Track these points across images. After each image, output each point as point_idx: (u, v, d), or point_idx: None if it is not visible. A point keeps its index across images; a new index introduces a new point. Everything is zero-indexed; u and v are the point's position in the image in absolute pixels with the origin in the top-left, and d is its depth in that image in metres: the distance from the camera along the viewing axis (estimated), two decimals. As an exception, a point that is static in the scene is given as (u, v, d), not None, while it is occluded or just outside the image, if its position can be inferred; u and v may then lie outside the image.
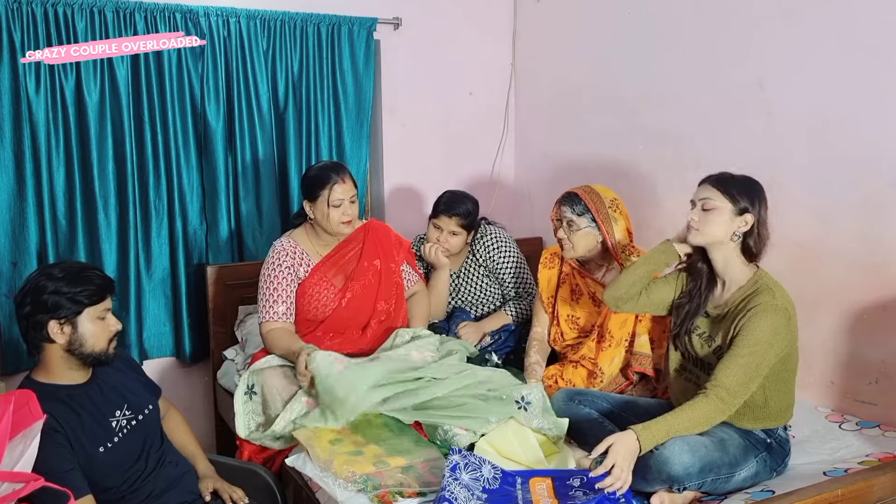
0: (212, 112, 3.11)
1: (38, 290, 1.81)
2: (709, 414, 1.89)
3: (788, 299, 1.99)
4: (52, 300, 1.80)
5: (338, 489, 1.96)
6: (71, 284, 1.82)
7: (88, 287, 1.84)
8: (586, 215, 2.45)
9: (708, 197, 2.02)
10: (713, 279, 2.09)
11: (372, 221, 2.73)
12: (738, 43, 2.71)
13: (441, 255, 2.87)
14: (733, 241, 2.01)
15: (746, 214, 1.99)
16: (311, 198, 2.54)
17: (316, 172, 2.56)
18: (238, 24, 3.10)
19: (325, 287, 2.58)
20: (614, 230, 2.44)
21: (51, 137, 2.82)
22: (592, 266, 2.59)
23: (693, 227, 2.04)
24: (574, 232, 2.47)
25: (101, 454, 1.87)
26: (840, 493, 1.75)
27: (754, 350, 1.90)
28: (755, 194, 2.02)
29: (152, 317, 3.13)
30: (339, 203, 2.50)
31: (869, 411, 2.38)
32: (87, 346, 1.86)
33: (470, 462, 1.91)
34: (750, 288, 2.00)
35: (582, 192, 2.47)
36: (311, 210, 2.55)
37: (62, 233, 2.90)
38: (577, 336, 2.61)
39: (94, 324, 1.85)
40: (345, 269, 2.62)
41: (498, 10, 3.79)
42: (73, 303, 1.82)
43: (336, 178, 2.50)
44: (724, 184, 2.01)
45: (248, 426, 2.37)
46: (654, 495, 1.89)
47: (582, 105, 3.46)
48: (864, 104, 2.35)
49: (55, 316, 1.80)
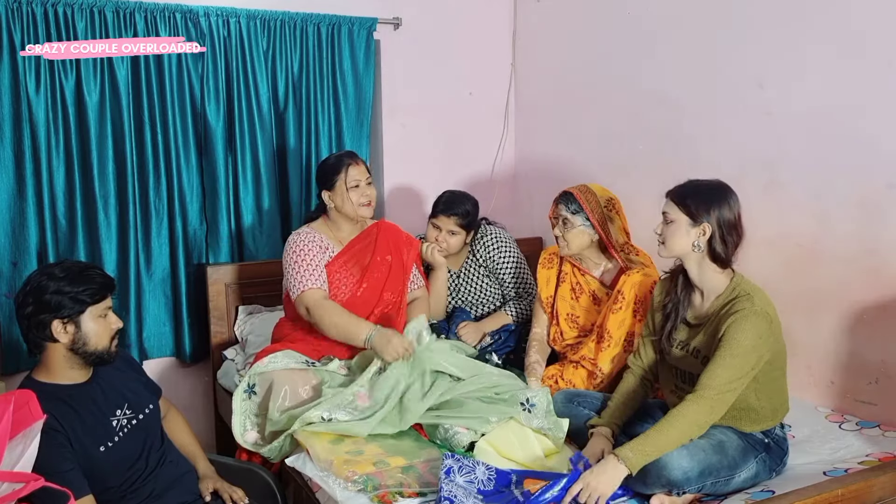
0: (212, 112, 3.11)
1: (40, 290, 1.81)
2: (697, 417, 1.89)
3: (767, 302, 1.99)
4: (55, 300, 1.80)
5: (338, 489, 1.96)
6: (73, 283, 1.82)
7: (90, 286, 1.84)
8: (580, 214, 2.48)
9: (666, 211, 2.05)
10: (691, 286, 2.10)
11: (382, 221, 2.75)
12: (738, 43, 2.71)
13: (438, 254, 2.88)
14: (696, 252, 2.01)
15: (703, 224, 1.99)
16: (329, 185, 2.57)
17: (329, 160, 2.62)
18: (238, 25, 3.10)
19: (345, 275, 2.60)
20: (611, 230, 2.47)
21: (51, 137, 2.82)
22: (590, 264, 2.61)
23: (659, 240, 2.07)
24: (568, 230, 2.51)
25: (102, 454, 1.87)
26: (840, 493, 1.75)
27: (736, 353, 1.90)
28: (713, 202, 1.99)
29: (152, 317, 3.13)
30: (356, 183, 2.54)
31: (869, 411, 2.38)
32: (91, 345, 1.86)
33: (464, 465, 1.91)
34: (728, 295, 2.01)
35: (577, 192, 2.50)
36: (331, 198, 2.58)
37: (62, 233, 2.90)
38: (577, 335, 2.62)
39: (97, 322, 1.86)
40: (361, 261, 2.64)
41: (498, 10, 3.79)
42: (75, 302, 1.82)
43: (349, 160, 2.56)
44: (681, 196, 2.03)
45: (244, 426, 2.36)
46: (653, 497, 1.89)
47: (582, 105, 3.46)
48: (864, 104, 2.35)
49: (58, 315, 1.81)
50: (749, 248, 2.63)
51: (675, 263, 2.16)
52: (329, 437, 2.18)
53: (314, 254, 2.53)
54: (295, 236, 2.59)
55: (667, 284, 2.18)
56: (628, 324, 2.42)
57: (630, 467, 1.82)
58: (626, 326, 2.42)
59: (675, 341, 2.10)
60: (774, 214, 2.61)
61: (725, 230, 1.99)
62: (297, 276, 2.49)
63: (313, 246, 2.55)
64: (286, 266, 2.55)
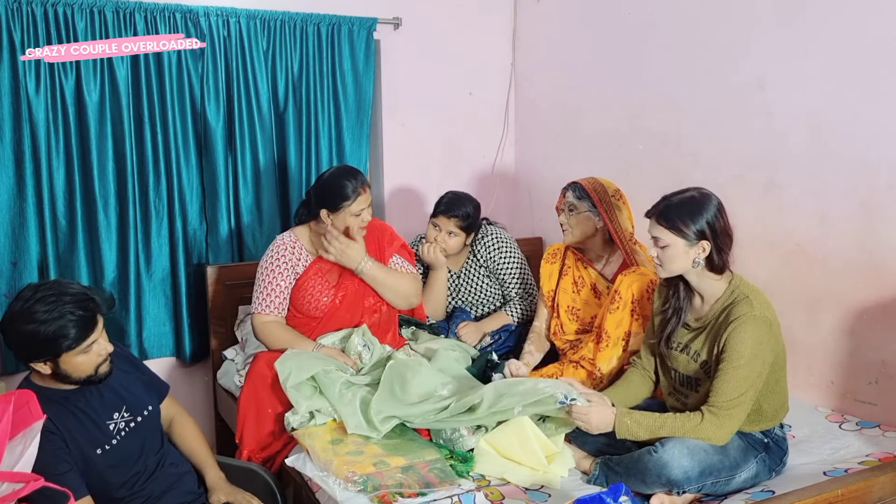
0: (212, 112, 3.11)
1: (17, 331, 1.74)
2: (698, 426, 1.91)
3: (766, 303, 1.98)
4: (31, 344, 1.75)
5: (338, 489, 1.96)
6: (51, 328, 1.73)
7: (68, 336, 1.75)
8: (586, 200, 2.53)
9: (657, 236, 2.00)
10: (691, 291, 2.09)
11: (374, 221, 2.74)
12: (738, 43, 2.71)
13: (439, 254, 2.87)
14: (696, 267, 2.00)
15: (702, 241, 1.96)
16: (332, 207, 2.52)
17: (338, 183, 2.52)
18: (238, 24, 3.10)
19: (320, 281, 2.60)
20: (619, 218, 2.51)
21: (51, 137, 2.82)
22: (593, 256, 2.64)
23: (656, 263, 2.04)
24: (574, 215, 2.55)
25: (99, 456, 1.86)
26: (840, 493, 1.75)
27: (738, 365, 1.90)
28: (701, 216, 1.96)
29: (152, 317, 3.12)
30: (360, 213, 2.53)
31: (869, 411, 2.38)
32: (73, 376, 1.82)
33: None
34: (727, 299, 2.00)
35: (584, 181, 2.57)
36: (331, 219, 2.53)
37: (62, 233, 2.90)
38: (577, 329, 2.63)
39: (78, 357, 1.80)
40: (340, 266, 2.62)
41: (498, 10, 3.79)
42: (51, 351, 1.76)
43: (361, 189, 2.52)
44: (668, 218, 1.97)
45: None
46: (653, 497, 1.89)
47: (582, 105, 3.46)
48: (864, 104, 2.35)
49: (36, 358, 1.77)
50: (749, 248, 2.64)
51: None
52: (329, 437, 2.18)
53: (278, 272, 2.57)
54: (272, 245, 2.62)
55: (665, 292, 2.17)
56: (626, 324, 2.42)
57: (618, 426, 1.97)
58: (623, 326, 2.42)
59: (675, 343, 2.10)
60: (774, 214, 2.61)
61: (720, 240, 1.97)
62: (258, 294, 2.59)
63: (282, 263, 2.58)
64: (256, 275, 2.62)
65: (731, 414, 1.91)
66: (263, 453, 2.37)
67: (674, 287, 2.12)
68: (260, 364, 2.47)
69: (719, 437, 1.92)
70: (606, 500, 1.77)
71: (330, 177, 2.57)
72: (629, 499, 1.83)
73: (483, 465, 2.09)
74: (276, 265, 2.58)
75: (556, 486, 2.02)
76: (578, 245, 2.63)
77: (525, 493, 1.99)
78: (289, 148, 3.31)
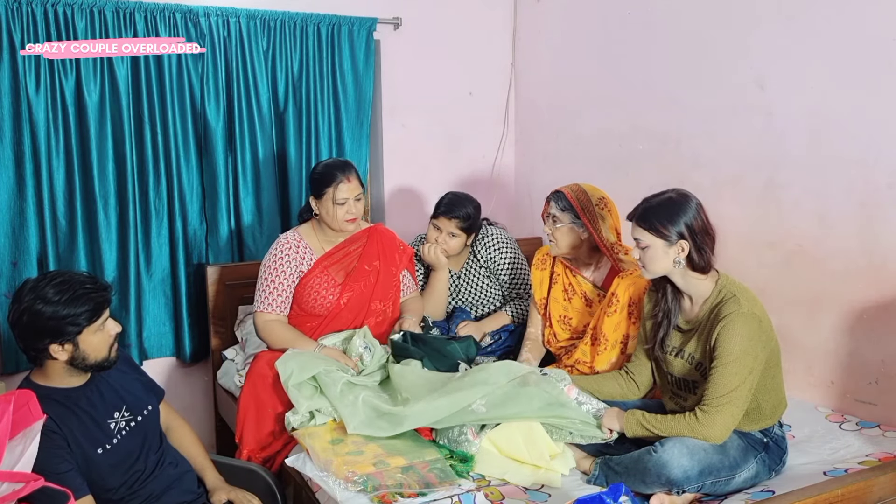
0: (212, 112, 3.11)
1: (34, 315, 1.76)
2: (691, 425, 1.92)
3: (753, 300, 1.99)
4: (52, 325, 1.76)
5: (338, 489, 1.96)
6: (69, 306, 1.77)
7: (87, 308, 1.79)
8: (569, 211, 2.49)
9: (638, 237, 2.04)
10: (679, 293, 2.10)
11: (378, 226, 2.75)
12: (738, 43, 2.71)
13: (440, 254, 2.87)
14: (678, 267, 2.02)
15: (679, 242, 1.99)
16: (317, 195, 2.57)
17: (322, 170, 2.59)
18: (238, 25, 3.10)
19: (325, 280, 2.60)
20: (602, 227, 2.47)
21: (51, 137, 2.82)
22: (581, 264, 2.61)
23: (640, 265, 2.07)
24: (557, 228, 2.52)
25: (100, 456, 1.87)
26: (840, 493, 1.75)
27: (728, 361, 1.91)
28: (678, 216, 1.99)
29: (152, 317, 3.13)
30: (343, 201, 2.53)
31: (869, 411, 2.38)
32: (90, 359, 1.84)
33: None
34: (715, 298, 2.01)
35: (568, 190, 2.51)
36: (317, 206, 2.59)
37: (62, 233, 2.90)
38: (570, 337, 2.61)
39: (95, 336, 1.83)
40: (346, 265, 2.64)
41: (498, 10, 3.79)
42: (73, 325, 1.78)
43: (342, 176, 2.53)
44: (647, 220, 2.01)
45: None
46: (653, 496, 1.89)
47: (582, 105, 3.46)
48: (864, 104, 2.35)
49: (56, 340, 1.78)
50: (749, 248, 2.64)
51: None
52: (329, 437, 2.18)
53: (281, 271, 2.57)
54: (276, 243, 2.63)
55: (654, 295, 2.18)
56: (624, 326, 2.41)
57: (625, 424, 2.03)
58: (621, 329, 2.41)
59: (669, 348, 2.11)
60: (774, 214, 2.61)
61: (699, 239, 1.99)
62: (260, 293, 2.59)
63: (286, 262, 2.58)
64: (259, 273, 2.63)
65: (722, 410, 1.91)
66: (263, 453, 2.37)
67: (662, 290, 2.13)
68: (260, 364, 2.47)
69: (713, 435, 1.92)
70: (606, 500, 1.77)
71: (319, 166, 2.64)
72: (629, 499, 1.84)
73: (483, 466, 2.08)
74: (280, 263, 2.58)
75: (557, 485, 2.02)
76: (565, 255, 2.60)
77: (525, 493, 1.99)
78: (289, 148, 3.31)
